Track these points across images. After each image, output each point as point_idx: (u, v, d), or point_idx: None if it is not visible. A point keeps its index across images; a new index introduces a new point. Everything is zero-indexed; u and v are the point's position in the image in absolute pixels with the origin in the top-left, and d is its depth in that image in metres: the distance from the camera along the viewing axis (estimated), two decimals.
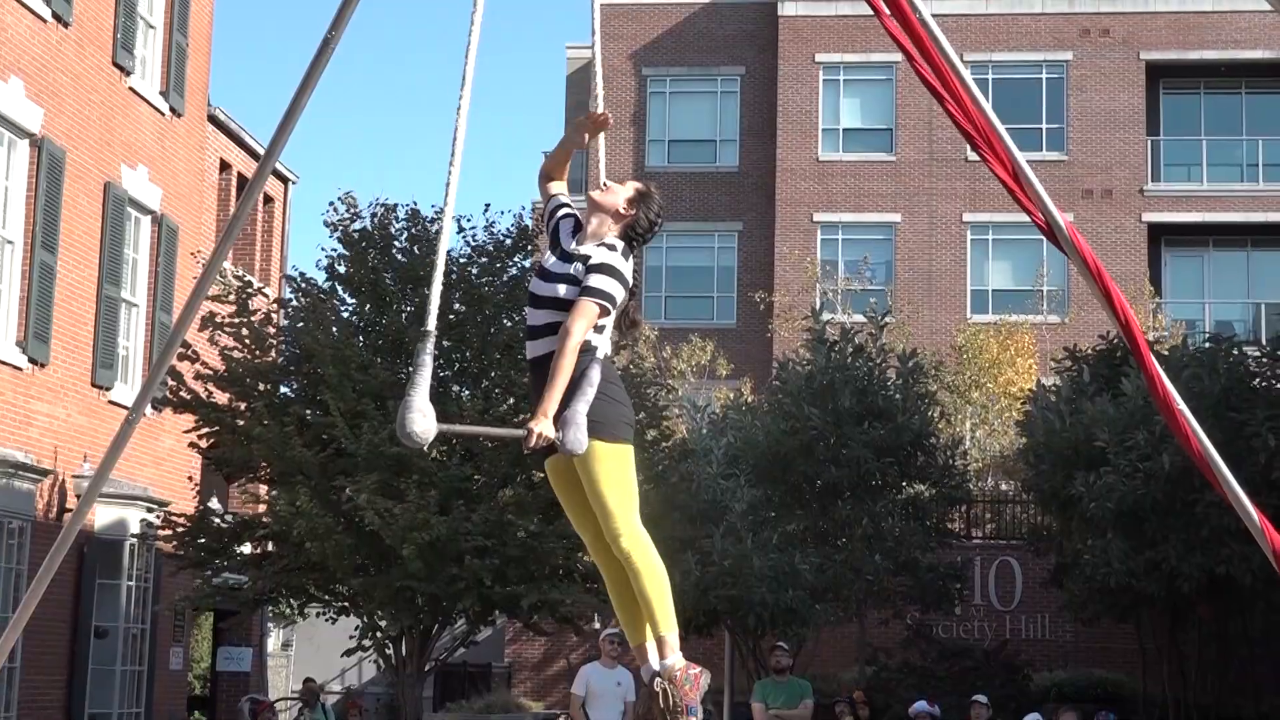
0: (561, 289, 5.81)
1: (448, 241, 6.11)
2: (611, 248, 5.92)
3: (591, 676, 15.94)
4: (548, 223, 6.18)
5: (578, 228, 6.07)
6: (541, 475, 6.20)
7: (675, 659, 5.81)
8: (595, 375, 5.72)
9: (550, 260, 5.92)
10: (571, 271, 5.83)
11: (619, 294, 5.81)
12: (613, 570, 5.97)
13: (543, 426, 5.44)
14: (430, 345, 5.47)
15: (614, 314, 5.86)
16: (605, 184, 6.14)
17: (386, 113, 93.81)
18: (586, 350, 5.73)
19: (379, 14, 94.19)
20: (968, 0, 37.77)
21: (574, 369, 5.65)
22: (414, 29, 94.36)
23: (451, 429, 5.44)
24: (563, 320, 5.72)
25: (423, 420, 5.33)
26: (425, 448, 5.46)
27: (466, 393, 18.74)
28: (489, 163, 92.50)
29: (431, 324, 5.53)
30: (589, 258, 5.85)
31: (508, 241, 19.85)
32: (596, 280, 5.78)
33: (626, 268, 5.88)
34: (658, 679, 5.79)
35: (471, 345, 18.83)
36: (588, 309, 5.71)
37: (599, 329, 5.81)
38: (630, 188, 6.13)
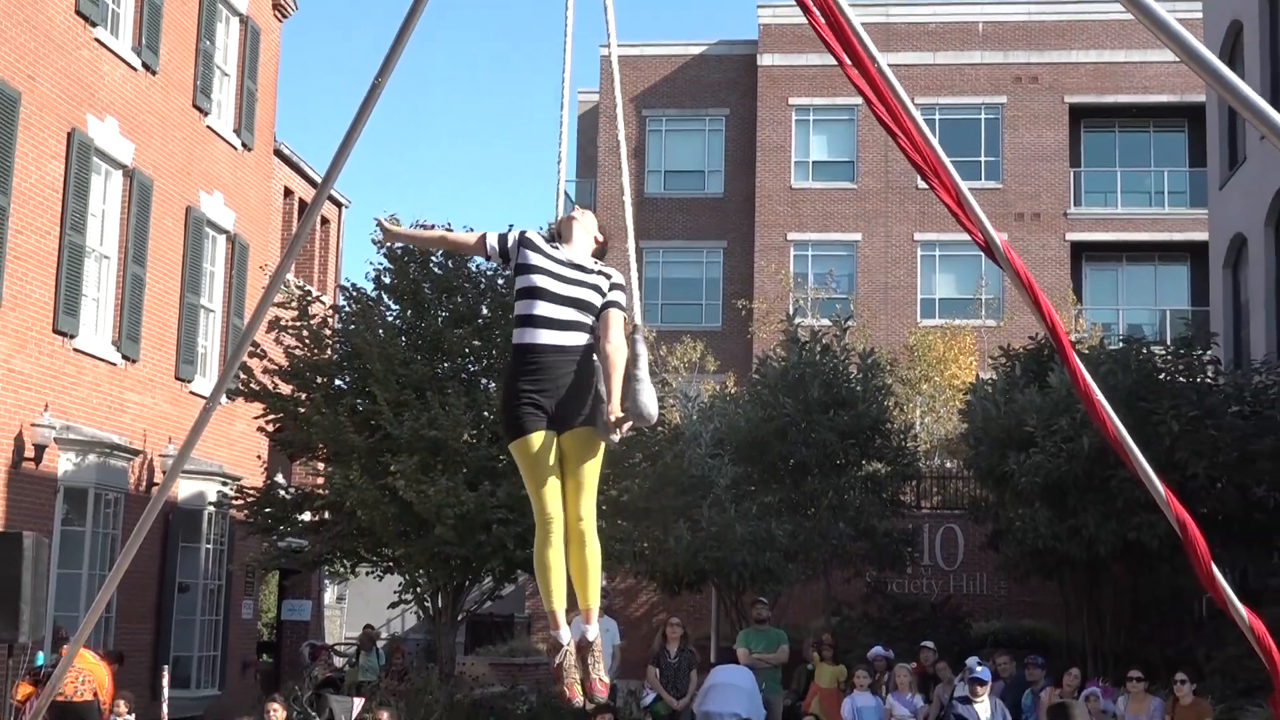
0: (585, 293, 5.66)
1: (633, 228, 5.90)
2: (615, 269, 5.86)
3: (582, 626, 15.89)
4: (505, 248, 5.86)
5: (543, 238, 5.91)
6: None
7: (596, 628, 5.70)
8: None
9: (557, 266, 5.70)
10: (596, 282, 5.70)
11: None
12: (555, 541, 5.60)
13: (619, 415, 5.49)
14: (640, 336, 5.47)
15: None
16: (580, 210, 6.04)
17: (426, 146, 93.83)
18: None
19: (419, 58, 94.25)
20: (918, 53, 37.78)
21: (592, 376, 5.60)
22: (449, 72, 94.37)
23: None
24: (582, 318, 5.61)
25: (653, 399, 5.40)
26: (651, 425, 5.47)
27: (494, 385, 18.72)
28: (511, 187, 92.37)
29: (639, 318, 5.57)
30: (610, 275, 5.77)
31: None
32: (623, 298, 5.73)
33: None
34: (590, 641, 5.68)
35: (497, 344, 18.80)
36: (624, 321, 5.66)
37: None
38: (594, 218, 6.04)
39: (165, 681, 15.52)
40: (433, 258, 19.11)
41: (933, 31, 38.46)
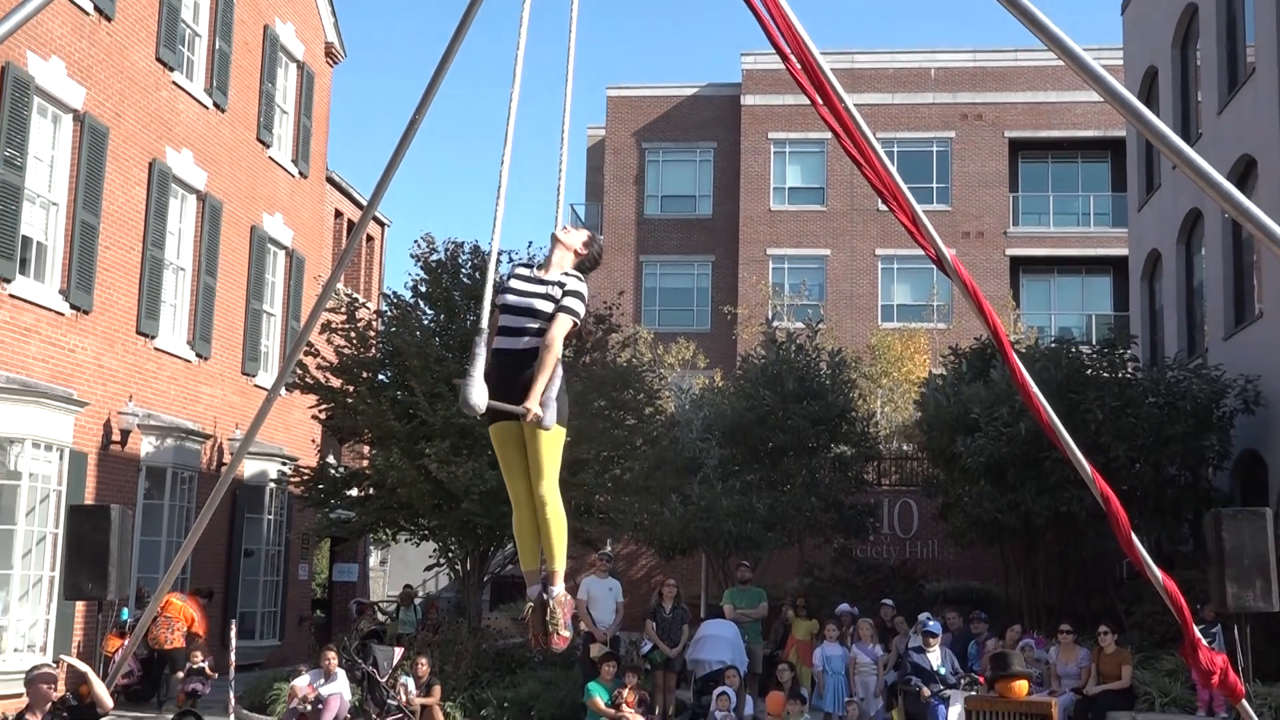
0: (537, 302, 5.57)
1: (494, 268, 5.95)
2: (578, 278, 5.72)
3: (590, 586, 15.87)
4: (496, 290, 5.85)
5: (528, 268, 5.82)
6: (566, 441, 5.99)
7: (560, 588, 5.67)
8: (559, 374, 5.58)
9: (520, 284, 5.66)
10: (548, 291, 5.60)
11: (582, 313, 5.67)
12: (524, 512, 5.74)
13: (536, 408, 5.36)
14: (483, 339, 5.43)
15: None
16: (565, 227, 5.92)
17: (459, 174, 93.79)
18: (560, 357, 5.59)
19: (454, 91, 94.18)
20: (878, 94, 37.70)
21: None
22: (481, 104, 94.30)
23: (491, 403, 5.36)
24: (533, 324, 5.53)
25: (479, 394, 5.31)
26: (478, 415, 5.38)
27: None
28: (531, 210, 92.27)
29: (485, 323, 5.48)
30: (564, 284, 5.64)
31: None
32: (573, 302, 5.60)
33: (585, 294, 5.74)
34: (547, 600, 5.65)
35: None
36: (567, 323, 5.56)
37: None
38: (584, 234, 5.92)
39: (233, 633, 15.51)
40: (462, 270, 19.10)
41: (891, 75, 38.42)
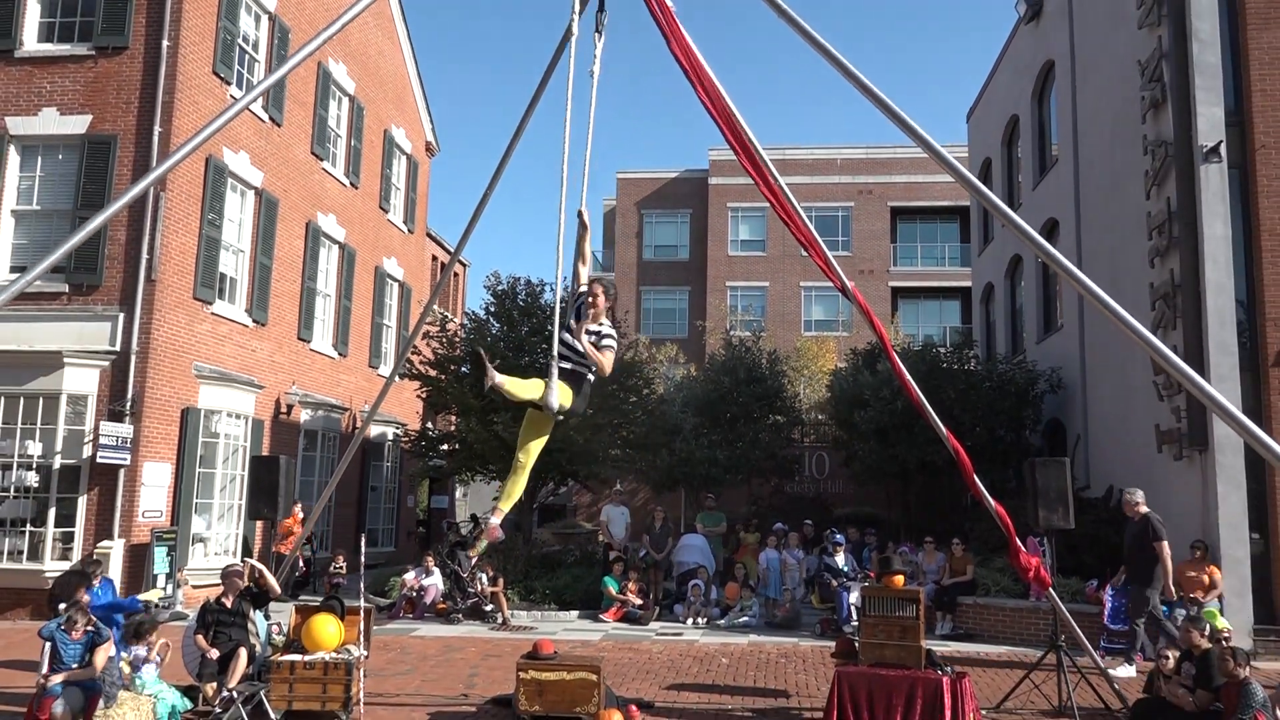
0: (585, 341, 6.02)
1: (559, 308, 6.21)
2: (611, 325, 6.21)
3: (608, 510, 15.90)
4: (574, 300, 6.33)
5: (582, 308, 6.22)
6: (589, 412, 6.35)
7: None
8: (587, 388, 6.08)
9: (579, 333, 6.06)
10: (593, 339, 6.06)
11: (616, 345, 6.16)
12: (524, 476, 6.20)
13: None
14: (555, 365, 5.67)
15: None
16: (592, 293, 6.24)
17: (517, 227, 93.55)
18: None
19: (519, 165, 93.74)
20: (802, 175, 37.66)
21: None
22: (532, 179, 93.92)
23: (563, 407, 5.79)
24: (584, 357, 5.98)
25: (556, 397, 5.57)
26: (556, 412, 5.71)
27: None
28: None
29: (554, 351, 5.81)
30: (600, 330, 6.13)
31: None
32: (610, 342, 6.10)
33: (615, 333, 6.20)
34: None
35: (540, 350, 18.71)
36: (610, 355, 6.06)
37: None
38: (601, 291, 6.25)
39: (363, 543, 15.46)
40: (519, 296, 19.03)
41: (810, 163, 38.38)
